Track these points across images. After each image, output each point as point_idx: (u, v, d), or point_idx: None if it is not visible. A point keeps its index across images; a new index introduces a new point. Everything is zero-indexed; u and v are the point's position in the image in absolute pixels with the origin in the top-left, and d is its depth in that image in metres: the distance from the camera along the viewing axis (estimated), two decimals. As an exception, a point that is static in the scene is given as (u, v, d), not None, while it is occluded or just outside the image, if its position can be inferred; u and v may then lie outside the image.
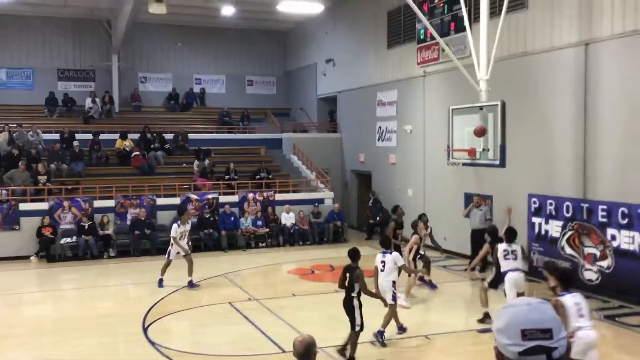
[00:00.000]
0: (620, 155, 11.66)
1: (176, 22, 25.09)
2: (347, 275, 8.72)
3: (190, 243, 13.73)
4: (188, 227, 13.74)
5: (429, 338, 9.82)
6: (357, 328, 8.59)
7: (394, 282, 9.66)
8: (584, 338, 6.27)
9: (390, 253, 9.82)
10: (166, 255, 13.47)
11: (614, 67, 11.78)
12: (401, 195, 18.92)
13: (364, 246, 18.53)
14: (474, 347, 9.64)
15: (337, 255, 17.11)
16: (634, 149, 11.37)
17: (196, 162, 20.34)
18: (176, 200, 18.47)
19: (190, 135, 22.70)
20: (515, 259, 10.09)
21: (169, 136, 22.22)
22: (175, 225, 13.48)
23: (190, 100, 26.53)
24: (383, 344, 9.35)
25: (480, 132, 10.80)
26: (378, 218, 19.56)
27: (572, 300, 6.31)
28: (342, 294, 12.63)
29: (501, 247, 10.06)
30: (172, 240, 13.33)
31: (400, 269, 10.05)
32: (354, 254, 8.93)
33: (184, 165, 20.94)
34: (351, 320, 8.65)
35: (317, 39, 24.84)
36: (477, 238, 14.50)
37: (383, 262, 9.71)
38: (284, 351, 8.93)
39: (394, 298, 9.61)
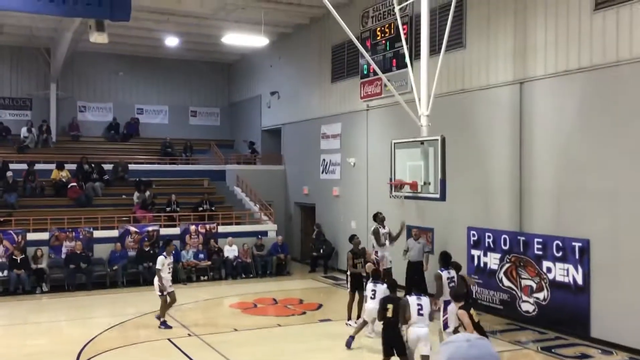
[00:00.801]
0: (553, 189, 12.09)
1: (118, 51, 24.74)
2: (390, 306, 8.83)
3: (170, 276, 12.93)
4: (171, 259, 12.99)
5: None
6: (408, 351, 8.77)
7: None
8: (416, 332, 8.64)
9: (382, 283, 10.73)
10: (158, 293, 12.44)
11: (547, 105, 12.28)
12: (344, 227, 19.00)
13: (307, 279, 18.57)
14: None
15: (280, 288, 16.98)
16: (567, 184, 11.81)
17: (136, 194, 19.89)
18: (114, 233, 17.96)
19: (131, 166, 22.24)
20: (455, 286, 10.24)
21: (108, 167, 21.71)
22: (161, 257, 12.56)
23: (131, 130, 26.07)
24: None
25: (398, 185, 11.42)
26: (322, 250, 19.56)
27: (415, 300, 8.75)
28: (284, 329, 12.54)
29: (444, 274, 10.27)
30: (157, 274, 12.45)
31: None
32: (395, 285, 9.37)
33: (124, 196, 20.42)
34: (398, 348, 8.71)
35: (262, 71, 24.97)
36: (413, 269, 14.47)
37: (374, 290, 10.82)
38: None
39: None
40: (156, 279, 12.49)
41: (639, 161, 10.39)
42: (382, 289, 10.57)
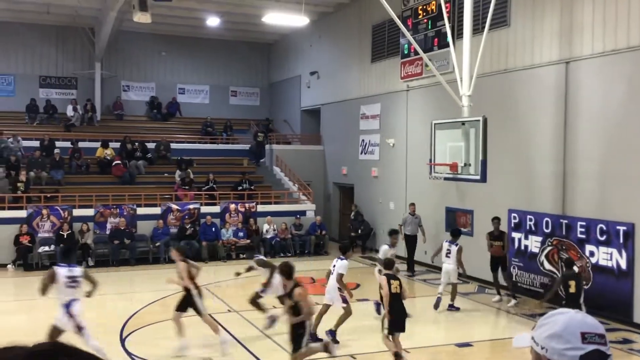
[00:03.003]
0: (598, 172, 11.81)
1: (160, 31, 25.03)
2: (572, 283, 9.16)
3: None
4: (394, 250, 12.32)
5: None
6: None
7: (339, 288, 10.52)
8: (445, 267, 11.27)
9: (341, 259, 10.58)
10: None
11: (593, 86, 11.95)
12: (383, 209, 18.97)
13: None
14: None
15: (318, 268, 17.08)
16: (612, 166, 11.53)
17: (178, 172, 20.23)
18: (157, 210, 18.33)
19: (173, 145, 22.61)
20: None
21: (151, 145, 22.11)
22: (385, 247, 12.12)
23: (173, 110, 26.44)
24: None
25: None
26: (360, 231, 19.59)
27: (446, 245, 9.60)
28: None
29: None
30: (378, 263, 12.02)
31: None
32: (571, 261, 9.96)
33: (166, 174, 20.82)
34: None
35: (302, 51, 24.93)
36: (411, 242, 16.02)
37: (334, 266, 10.60)
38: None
39: (344, 300, 10.48)
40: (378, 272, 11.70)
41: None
42: (340, 264, 10.42)
